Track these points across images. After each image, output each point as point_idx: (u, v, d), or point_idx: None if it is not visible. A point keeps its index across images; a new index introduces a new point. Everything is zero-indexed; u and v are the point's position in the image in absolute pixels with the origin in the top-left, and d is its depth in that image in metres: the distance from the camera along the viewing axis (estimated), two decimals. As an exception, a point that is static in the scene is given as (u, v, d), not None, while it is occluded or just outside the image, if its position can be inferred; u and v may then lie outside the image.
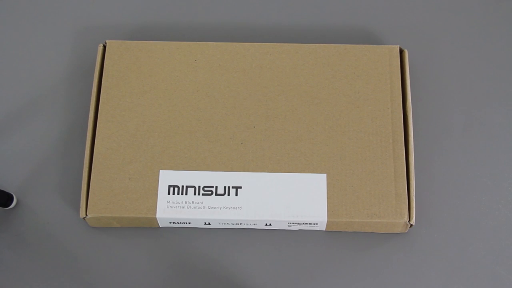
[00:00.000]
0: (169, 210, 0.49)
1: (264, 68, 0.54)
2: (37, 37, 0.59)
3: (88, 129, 0.51)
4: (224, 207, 0.49)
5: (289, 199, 0.49)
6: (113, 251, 0.51)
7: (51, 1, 0.61)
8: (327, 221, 0.49)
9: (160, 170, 0.50)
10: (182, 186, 0.49)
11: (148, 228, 0.51)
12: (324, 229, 0.51)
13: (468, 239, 0.51)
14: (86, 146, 0.51)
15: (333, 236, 0.49)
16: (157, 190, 0.49)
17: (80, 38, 0.59)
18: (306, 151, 0.51)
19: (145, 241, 0.51)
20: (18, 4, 0.61)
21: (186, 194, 0.49)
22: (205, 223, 0.50)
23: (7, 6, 0.61)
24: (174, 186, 0.49)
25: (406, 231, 0.51)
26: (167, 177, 0.50)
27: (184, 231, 0.51)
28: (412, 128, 0.51)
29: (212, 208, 0.49)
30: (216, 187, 0.49)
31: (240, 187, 0.50)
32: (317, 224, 0.50)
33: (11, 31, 0.60)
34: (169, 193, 0.49)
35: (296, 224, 0.50)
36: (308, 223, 0.50)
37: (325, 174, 0.50)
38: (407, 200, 0.49)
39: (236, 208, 0.49)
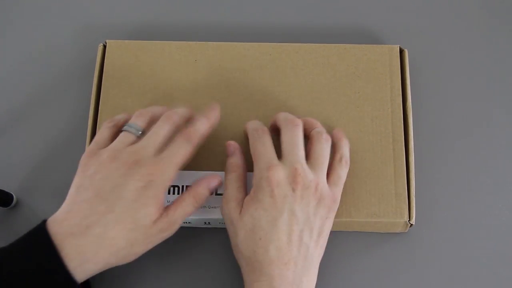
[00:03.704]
0: (169, 210, 0.49)
1: (264, 68, 0.54)
2: (37, 36, 0.59)
3: (88, 129, 0.51)
4: (224, 207, 0.49)
5: (289, 199, 0.49)
6: (113, 251, 0.51)
7: (50, 0, 0.61)
8: (327, 221, 0.49)
9: (160, 170, 0.50)
10: (182, 186, 0.49)
11: (148, 228, 0.51)
12: (324, 229, 0.51)
13: (468, 239, 0.51)
14: (86, 146, 0.51)
15: (333, 236, 0.49)
16: (157, 190, 0.49)
17: (80, 37, 0.59)
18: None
19: (145, 241, 0.51)
20: (18, 4, 0.61)
21: (186, 194, 0.49)
22: (205, 222, 0.50)
23: (6, 6, 0.61)
24: (174, 186, 0.49)
25: (406, 231, 0.51)
26: (167, 177, 0.50)
27: (184, 231, 0.51)
28: (412, 128, 0.51)
29: (212, 208, 0.49)
30: (216, 186, 0.49)
31: (240, 187, 0.49)
32: (317, 224, 0.50)
33: (11, 31, 0.60)
34: (169, 193, 0.49)
35: (296, 224, 0.50)
36: (308, 223, 0.49)
37: (325, 174, 0.50)
38: (407, 199, 0.49)
39: (236, 208, 0.49)
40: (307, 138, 0.48)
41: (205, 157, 0.50)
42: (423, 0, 0.61)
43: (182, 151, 0.44)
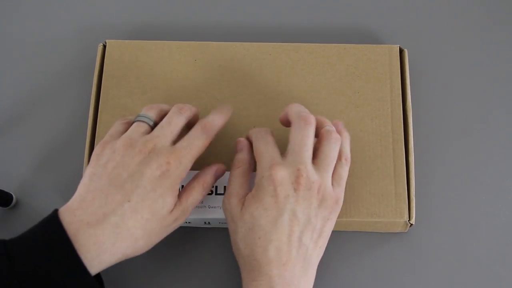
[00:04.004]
0: (169, 210, 0.49)
1: (264, 68, 0.54)
2: (37, 36, 0.59)
3: (88, 129, 0.51)
4: (224, 207, 0.49)
5: (289, 198, 0.49)
6: (113, 251, 0.51)
7: (51, 0, 0.61)
8: (327, 220, 0.49)
9: (160, 170, 0.50)
10: (182, 186, 0.49)
11: (148, 228, 0.51)
12: (324, 229, 0.51)
13: (468, 239, 0.51)
14: (86, 146, 0.51)
15: (333, 236, 0.49)
16: (157, 189, 0.49)
17: (79, 37, 0.59)
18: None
19: (145, 241, 0.51)
20: (18, 3, 0.61)
21: (186, 193, 0.49)
22: (205, 222, 0.50)
23: (6, 6, 0.61)
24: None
25: (406, 231, 0.51)
26: (167, 176, 0.50)
27: (184, 231, 0.51)
28: (412, 127, 0.51)
29: (212, 207, 0.49)
30: (216, 186, 0.49)
31: (240, 187, 0.49)
32: (317, 223, 0.50)
33: (11, 30, 0.60)
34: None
35: (296, 224, 0.50)
36: (308, 222, 0.49)
37: (325, 174, 0.50)
38: (407, 199, 0.49)
39: (236, 208, 0.49)
40: (316, 135, 0.46)
41: (205, 157, 0.50)
42: (423, 0, 0.61)
43: (199, 142, 0.44)
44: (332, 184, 0.44)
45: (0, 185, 0.52)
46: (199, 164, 0.49)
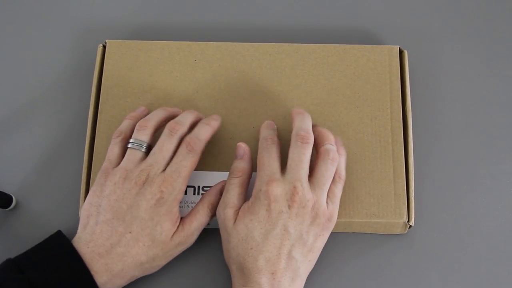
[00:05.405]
0: (169, 210, 0.49)
1: (264, 68, 0.54)
2: (37, 37, 0.59)
3: (87, 129, 0.52)
4: (223, 207, 0.49)
5: (288, 199, 0.49)
6: (113, 251, 0.51)
7: (51, 1, 0.61)
8: (327, 221, 0.49)
9: (160, 170, 0.50)
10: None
11: (148, 228, 0.51)
12: (323, 229, 0.51)
13: (468, 239, 0.51)
14: (86, 146, 0.51)
15: (332, 236, 0.49)
16: (157, 190, 0.49)
17: (80, 38, 0.59)
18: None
19: (144, 241, 0.51)
20: (18, 4, 0.61)
21: (186, 194, 0.49)
22: (204, 223, 0.50)
23: (7, 6, 0.61)
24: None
25: (405, 232, 0.51)
26: (166, 177, 0.50)
27: (183, 231, 0.51)
28: (411, 128, 0.51)
29: (212, 208, 0.49)
30: (217, 187, 0.49)
31: (240, 187, 0.49)
32: (316, 224, 0.50)
33: (11, 31, 0.60)
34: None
35: (296, 224, 0.50)
36: (308, 223, 0.49)
37: (325, 174, 0.50)
38: (406, 200, 0.49)
39: (236, 208, 0.49)
40: (316, 152, 0.48)
41: (205, 157, 0.50)
42: (423, 0, 0.61)
43: (186, 163, 0.46)
44: (326, 202, 0.46)
45: (0, 186, 0.52)
46: (200, 164, 0.50)
